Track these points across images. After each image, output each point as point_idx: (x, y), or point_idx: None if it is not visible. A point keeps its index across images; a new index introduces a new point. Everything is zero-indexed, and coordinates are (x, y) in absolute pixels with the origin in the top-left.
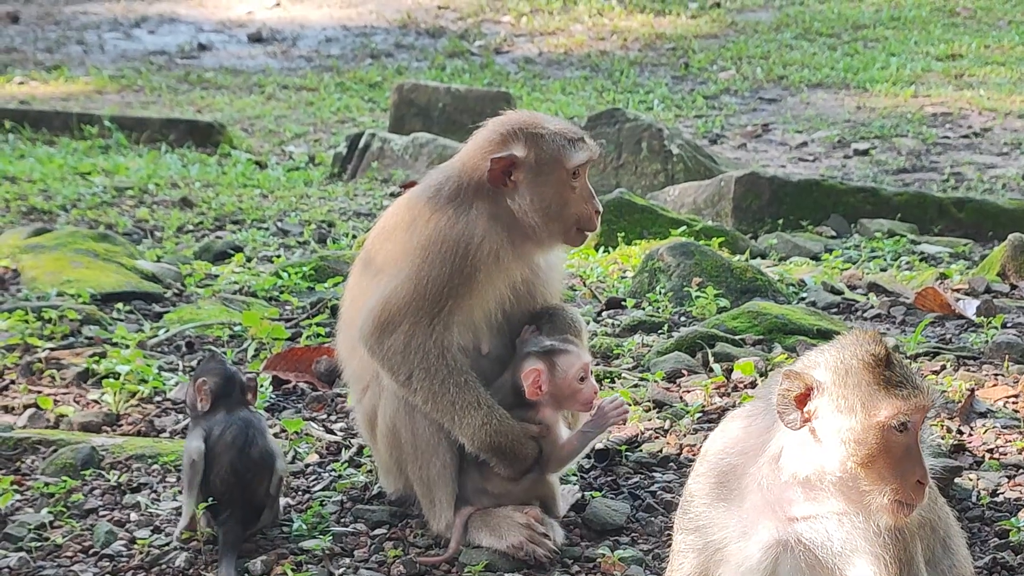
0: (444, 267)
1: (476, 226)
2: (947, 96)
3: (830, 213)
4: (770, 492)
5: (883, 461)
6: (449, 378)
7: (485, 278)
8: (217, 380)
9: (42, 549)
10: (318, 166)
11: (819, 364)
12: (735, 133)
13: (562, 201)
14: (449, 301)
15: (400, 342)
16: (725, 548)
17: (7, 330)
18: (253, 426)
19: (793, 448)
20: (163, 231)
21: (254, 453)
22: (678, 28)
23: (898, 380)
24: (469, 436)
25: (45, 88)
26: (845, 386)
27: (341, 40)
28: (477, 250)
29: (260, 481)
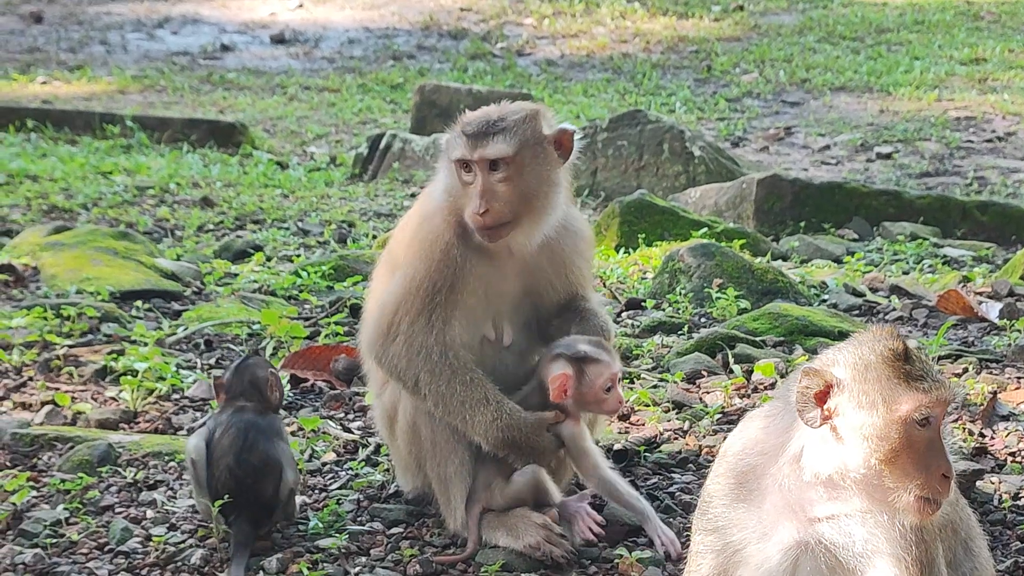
0: (430, 263)
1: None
2: (971, 100)
3: (852, 216)
4: (790, 493)
5: (907, 456)
6: (455, 377)
7: (472, 271)
8: (226, 375)
9: (58, 546)
10: (339, 167)
11: (838, 361)
12: (757, 136)
13: (455, 191)
14: (441, 297)
15: (402, 346)
16: (744, 549)
17: (26, 327)
18: (256, 430)
19: (814, 447)
20: (183, 230)
21: (254, 459)
22: (701, 31)
23: (918, 374)
24: (483, 435)
25: (68, 88)
26: (865, 381)
27: (363, 41)
28: (454, 243)
29: (264, 485)
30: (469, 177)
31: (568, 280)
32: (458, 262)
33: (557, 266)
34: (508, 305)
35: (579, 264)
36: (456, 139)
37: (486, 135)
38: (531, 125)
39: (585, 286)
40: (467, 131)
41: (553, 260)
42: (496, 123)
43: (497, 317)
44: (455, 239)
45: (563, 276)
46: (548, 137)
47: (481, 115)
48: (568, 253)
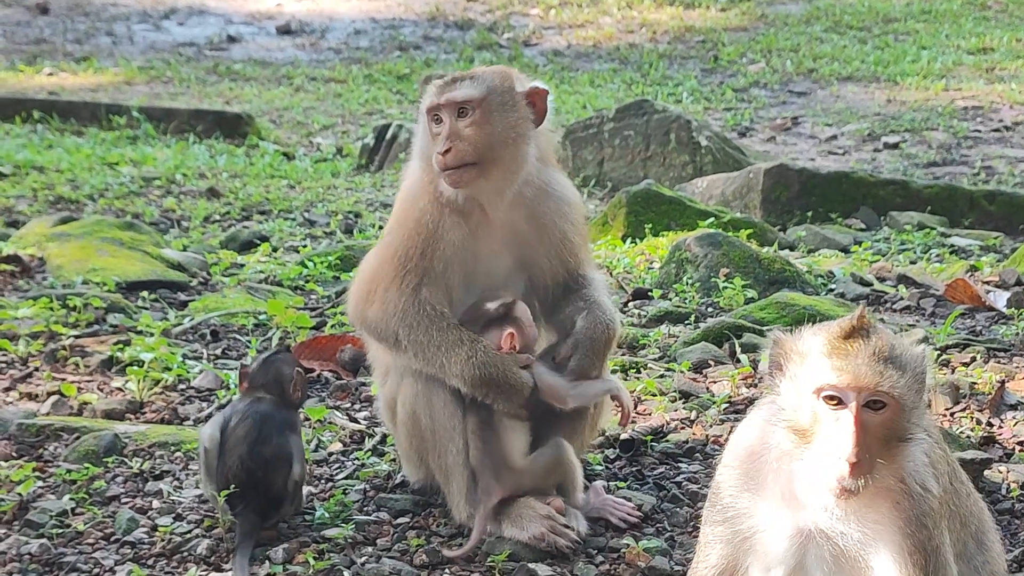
0: (404, 230)
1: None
2: (978, 90)
3: (860, 205)
4: (781, 480)
5: (818, 434)
6: (431, 325)
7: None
8: (252, 366)
9: (64, 536)
10: (345, 157)
11: (805, 331)
12: (764, 126)
13: (425, 145)
14: (414, 262)
15: (378, 310)
16: (753, 537)
17: (32, 317)
18: (272, 422)
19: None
20: (190, 221)
21: (267, 452)
22: (707, 21)
23: (845, 352)
24: (460, 373)
25: (74, 79)
26: (807, 351)
27: (370, 32)
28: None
29: (274, 477)
30: (439, 128)
31: (561, 255)
32: (429, 228)
33: (543, 234)
34: (498, 280)
35: (568, 233)
36: (427, 91)
37: (455, 81)
38: (500, 77)
39: (582, 263)
40: (436, 81)
41: (538, 227)
42: (464, 74)
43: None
44: (430, 205)
45: (553, 246)
46: (519, 93)
47: (458, 73)
48: (552, 218)
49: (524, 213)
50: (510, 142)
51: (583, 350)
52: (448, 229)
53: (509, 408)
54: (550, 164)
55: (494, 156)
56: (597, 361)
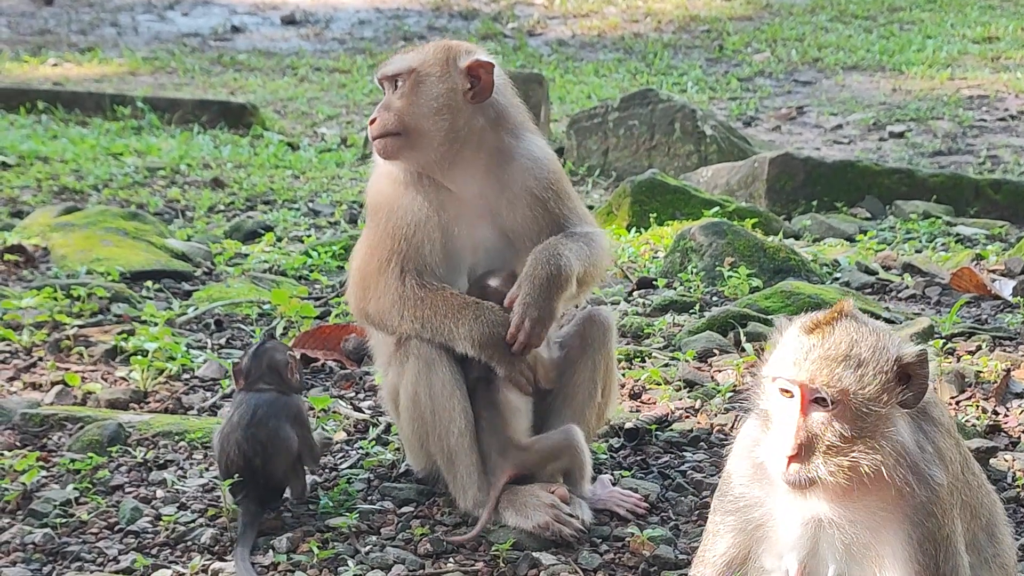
0: (375, 218)
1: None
2: (983, 79)
3: (865, 195)
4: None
5: (771, 420)
6: (436, 295)
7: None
8: (243, 360)
9: (67, 525)
10: (350, 148)
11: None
12: (769, 115)
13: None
14: (399, 254)
15: (376, 303)
16: (766, 525)
17: (36, 307)
18: (267, 406)
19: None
20: (194, 211)
21: (261, 435)
22: (712, 10)
23: (800, 347)
24: (468, 334)
25: (79, 70)
26: (778, 339)
27: (374, 22)
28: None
29: (274, 463)
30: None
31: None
32: (392, 210)
33: (513, 198)
34: (483, 252)
35: (536, 190)
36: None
37: (391, 58)
38: (436, 51)
39: (560, 218)
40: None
41: (507, 192)
42: (403, 49)
43: (474, 267)
44: (388, 187)
45: (525, 208)
46: (458, 66)
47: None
48: (518, 180)
49: (492, 182)
50: (436, 113)
51: (525, 288)
52: (410, 209)
53: (510, 372)
54: (517, 130)
55: (418, 127)
56: (541, 298)
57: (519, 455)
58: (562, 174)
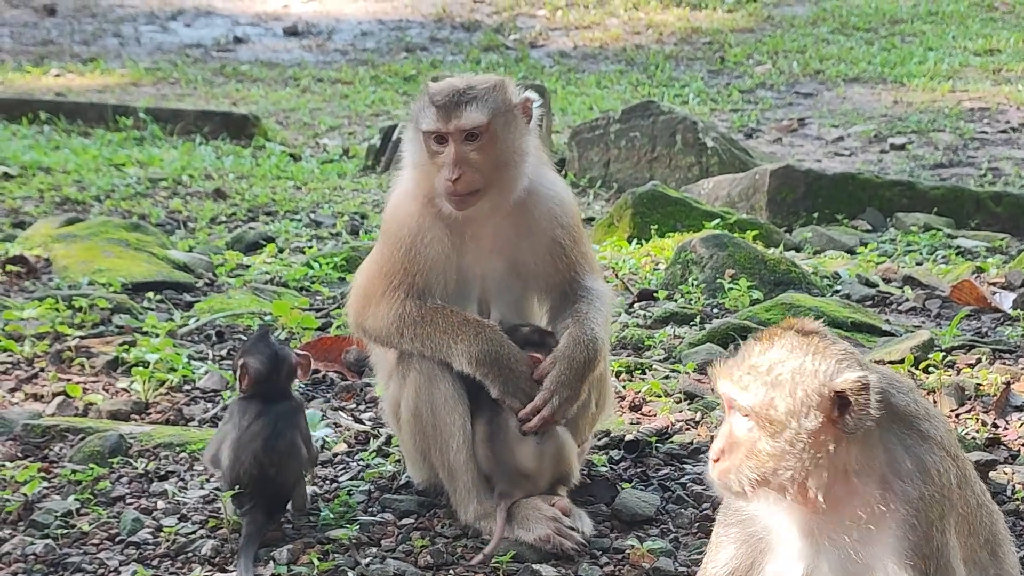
0: (394, 247)
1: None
2: (985, 91)
3: (866, 207)
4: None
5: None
6: (436, 314)
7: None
8: (261, 365)
9: (68, 536)
10: (352, 158)
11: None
12: (771, 127)
13: (423, 162)
14: (404, 277)
15: (375, 321)
16: (769, 537)
17: (38, 318)
18: (284, 418)
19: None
20: (196, 222)
21: (281, 446)
22: (714, 22)
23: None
24: (466, 350)
25: (81, 80)
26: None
27: (376, 33)
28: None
29: (286, 474)
30: (440, 148)
31: (552, 258)
32: (409, 242)
33: (533, 238)
34: (493, 284)
35: (559, 236)
36: (425, 110)
37: (458, 105)
38: (501, 94)
39: (575, 266)
40: (438, 102)
41: (528, 231)
42: (467, 92)
43: (483, 299)
44: (411, 219)
45: (543, 250)
46: (516, 105)
47: (448, 86)
48: (542, 221)
49: (513, 218)
50: (515, 162)
51: (560, 368)
52: (430, 243)
53: (507, 392)
54: (541, 162)
55: (500, 177)
56: (575, 380)
57: (525, 483)
58: (579, 215)
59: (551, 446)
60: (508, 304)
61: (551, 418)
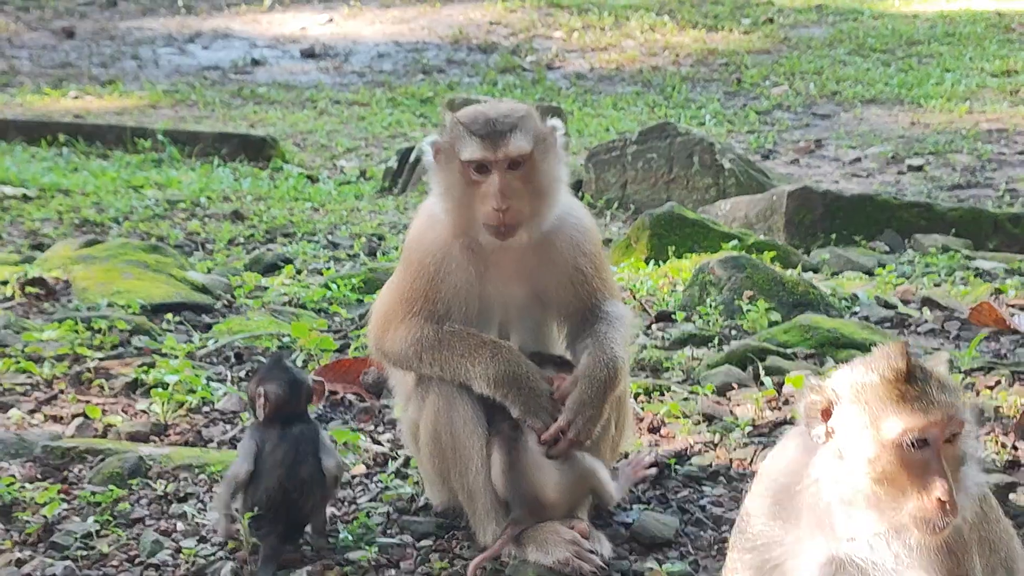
0: (409, 272)
1: (431, 227)
2: (1002, 112)
3: (884, 228)
4: (819, 511)
5: (901, 478)
6: (454, 337)
7: (449, 280)
8: (280, 391)
9: (88, 558)
10: (369, 180)
11: (843, 377)
12: (788, 149)
13: (460, 193)
14: (425, 303)
15: (394, 345)
16: (782, 566)
17: (57, 340)
18: (306, 442)
19: (826, 465)
20: (214, 243)
21: (303, 473)
22: (730, 44)
23: (914, 395)
24: (484, 372)
25: (99, 102)
26: (859, 401)
27: (393, 56)
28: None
29: (308, 499)
30: (481, 177)
31: (574, 285)
32: (432, 271)
33: (555, 265)
34: (514, 310)
35: (581, 263)
36: (465, 139)
37: (503, 133)
38: (534, 121)
39: (597, 292)
40: (480, 131)
41: (550, 258)
42: (507, 119)
43: (504, 326)
44: (447, 249)
45: (565, 277)
46: (548, 132)
47: (481, 114)
48: (565, 248)
49: (536, 246)
50: (553, 190)
51: (581, 388)
52: (454, 271)
53: (529, 411)
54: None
55: (540, 207)
56: (597, 399)
57: (542, 512)
58: (600, 241)
59: (572, 473)
60: (528, 331)
61: (575, 439)
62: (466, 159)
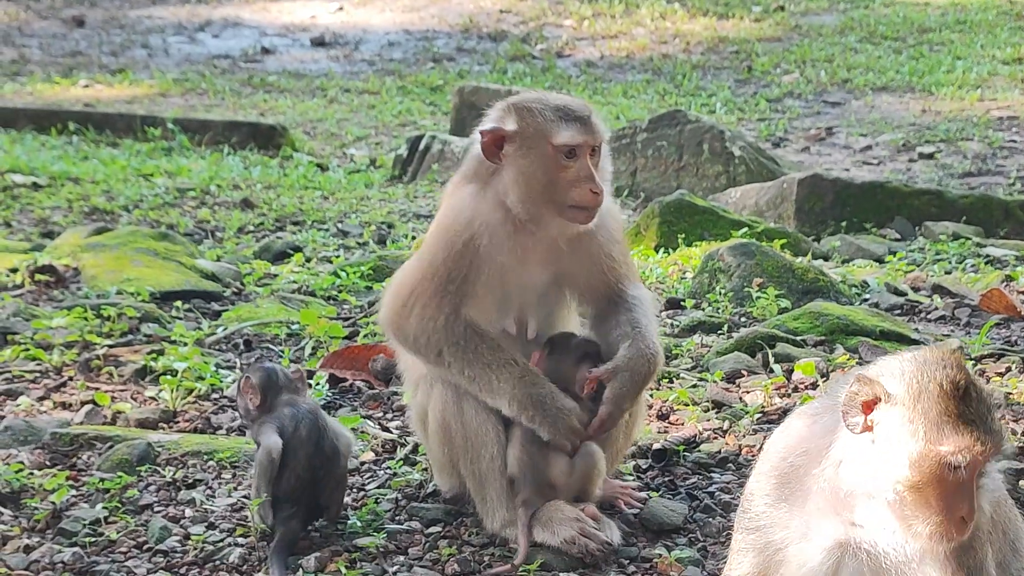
0: (449, 251)
1: (479, 209)
2: (1013, 100)
3: (894, 215)
4: (833, 496)
5: (932, 492)
6: (481, 343)
7: (490, 262)
8: (259, 373)
9: (96, 544)
10: (379, 168)
11: (895, 375)
12: (798, 136)
13: (548, 178)
14: (456, 284)
15: (418, 325)
16: (786, 548)
17: (67, 327)
18: (321, 417)
19: (853, 455)
20: (224, 231)
21: (326, 447)
22: (741, 31)
23: (971, 417)
24: (509, 394)
25: (109, 91)
26: (915, 407)
27: (403, 44)
28: (476, 234)
29: (330, 477)
30: (569, 162)
31: (600, 268)
32: (478, 253)
33: (582, 247)
34: (533, 296)
35: (606, 246)
36: (559, 125)
37: (589, 120)
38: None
39: (623, 277)
40: (571, 116)
41: (578, 241)
42: (585, 107)
43: (522, 310)
44: (485, 229)
45: (591, 260)
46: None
47: (563, 102)
48: (601, 234)
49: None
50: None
51: (622, 380)
52: (497, 254)
53: (553, 434)
54: None
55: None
56: (633, 393)
57: (553, 492)
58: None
59: (584, 463)
60: (544, 314)
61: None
62: (560, 143)
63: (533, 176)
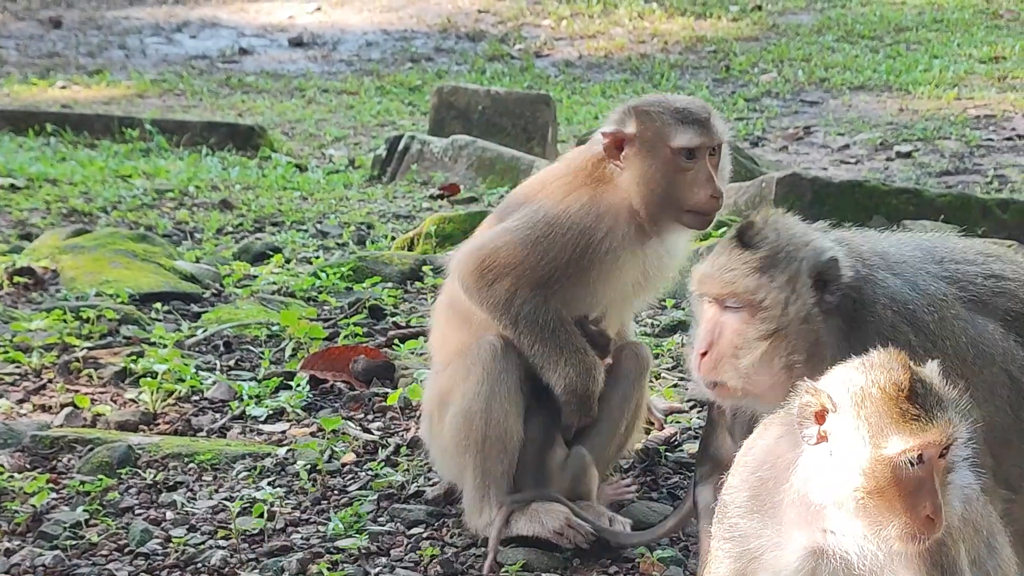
0: (564, 245)
1: (605, 211)
2: (990, 98)
3: (872, 214)
4: (803, 508)
5: (893, 493)
6: (560, 325)
7: (606, 263)
8: None
9: (77, 547)
10: (358, 169)
11: (841, 383)
12: (776, 135)
13: (667, 181)
14: (560, 279)
15: (503, 295)
16: (762, 556)
17: (46, 329)
18: None
19: (815, 467)
20: (203, 232)
21: None
22: (719, 31)
23: (914, 415)
24: (566, 378)
25: (87, 92)
26: (858, 414)
27: (381, 44)
28: (598, 245)
29: None
30: (688, 164)
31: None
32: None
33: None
34: (620, 295)
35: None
36: (678, 127)
37: (708, 121)
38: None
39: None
40: (691, 119)
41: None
42: (704, 109)
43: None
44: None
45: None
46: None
47: (683, 104)
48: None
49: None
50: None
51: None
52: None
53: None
54: None
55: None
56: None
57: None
58: None
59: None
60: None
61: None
62: (678, 146)
63: (652, 179)
